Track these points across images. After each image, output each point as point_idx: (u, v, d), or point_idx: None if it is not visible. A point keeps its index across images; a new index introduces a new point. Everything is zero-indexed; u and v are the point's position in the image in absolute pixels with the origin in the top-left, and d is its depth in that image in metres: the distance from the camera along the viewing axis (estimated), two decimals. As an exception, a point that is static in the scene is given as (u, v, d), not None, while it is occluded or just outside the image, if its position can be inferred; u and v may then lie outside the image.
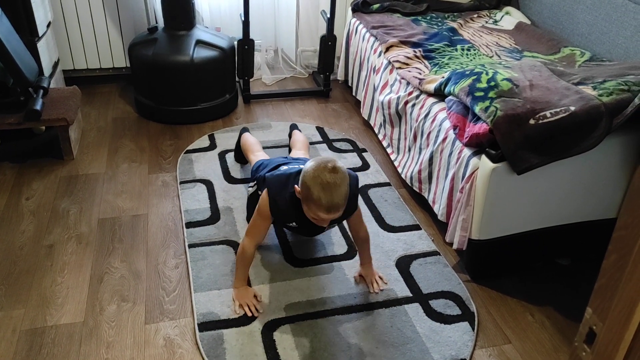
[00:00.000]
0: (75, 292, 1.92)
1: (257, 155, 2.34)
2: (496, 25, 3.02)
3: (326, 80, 3.32)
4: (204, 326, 1.78)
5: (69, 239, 2.16)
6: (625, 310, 0.56)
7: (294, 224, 1.84)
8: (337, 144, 2.83)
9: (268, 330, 1.78)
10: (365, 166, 2.65)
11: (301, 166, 1.77)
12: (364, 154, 2.76)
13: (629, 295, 0.55)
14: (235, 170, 2.58)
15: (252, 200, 2.14)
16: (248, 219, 2.21)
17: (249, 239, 1.84)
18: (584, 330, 0.63)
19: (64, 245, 2.12)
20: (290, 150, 2.64)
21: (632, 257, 0.54)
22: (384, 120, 2.69)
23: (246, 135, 2.56)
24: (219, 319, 1.81)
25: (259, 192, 2.08)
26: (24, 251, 2.09)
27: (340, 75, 3.42)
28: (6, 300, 1.87)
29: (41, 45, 2.77)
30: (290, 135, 2.68)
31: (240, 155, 2.55)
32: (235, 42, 3.10)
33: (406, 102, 2.43)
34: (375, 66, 2.83)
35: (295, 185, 1.68)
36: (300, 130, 2.69)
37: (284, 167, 1.93)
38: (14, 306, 1.85)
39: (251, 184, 2.15)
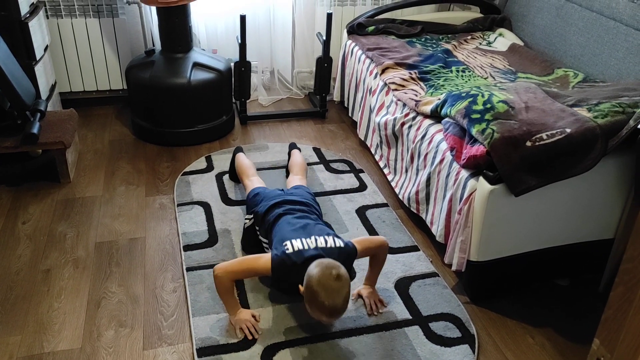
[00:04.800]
0: (72, 317, 1.90)
1: (252, 180, 2.34)
2: (490, 46, 3.06)
3: (322, 101, 3.34)
4: (203, 351, 1.77)
5: (65, 263, 2.14)
6: (633, 342, 0.56)
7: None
8: (334, 165, 2.84)
9: (268, 355, 1.76)
10: (362, 187, 2.66)
11: (304, 242, 1.79)
12: (361, 174, 2.77)
13: (637, 326, 0.55)
14: (233, 192, 2.58)
15: (249, 232, 2.15)
16: (243, 247, 2.20)
17: (230, 274, 1.79)
18: (592, 362, 0.63)
19: (60, 270, 2.11)
20: (287, 173, 2.65)
21: (639, 289, 0.55)
22: (381, 141, 2.70)
23: (240, 156, 2.56)
24: (218, 344, 1.79)
25: (256, 228, 2.09)
26: (20, 276, 2.07)
27: (336, 96, 3.44)
28: (2, 327, 1.85)
29: (38, 69, 2.77)
30: (289, 154, 2.68)
31: (235, 174, 2.56)
32: (232, 64, 3.12)
33: (402, 124, 2.45)
34: (371, 88, 2.85)
35: (300, 285, 1.72)
36: (299, 149, 2.70)
37: (285, 224, 1.92)
38: (11, 332, 1.83)
39: (248, 216, 2.16)
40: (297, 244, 1.79)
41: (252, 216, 2.12)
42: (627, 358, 0.57)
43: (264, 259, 1.79)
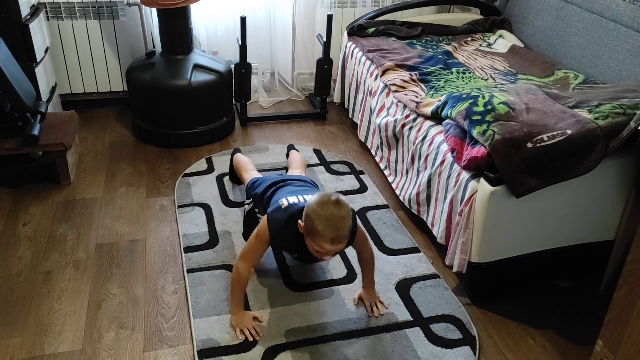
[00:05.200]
0: (73, 319, 1.90)
1: (250, 173, 2.35)
2: (490, 48, 3.07)
3: (323, 102, 3.35)
4: (204, 353, 1.76)
5: (66, 264, 2.14)
6: (637, 343, 0.56)
7: (295, 255, 1.86)
8: (335, 166, 2.84)
9: (268, 357, 1.76)
10: (363, 188, 2.66)
11: (300, 198, 1.78)
12: (361, 176, 2.77)
13: (640, 328, 0.55)
14: (233, 194, 2.58)
15: (249, 217, 2.14)
16: (244, 234, 2.20)
17: (244, 261, 1.83)
18: (595, 363, 0.63)
19: (61, 272, 2.11)
20: (287, 170, 2.65)
21: (643, 291, 0.54)
22: (381, 143, 2.70)
23: (238, 155, 2.57)
24: (218, 346, 1.79)
25: (256, 210, 2.08)
26: (20, 278, 2.07)
27: (336, 97, 3.45)
28: (3, 329, 1.85)
29: (39, 71, 2.78)
30: (287, 156, 2.69)
31: (235, 176, 2.56)
32: (232, 66, 3.12)
33: (403, 125, 2.45)
34: (371, 89, 2.85)
35: (299, 221, 1.70)
36: (297, 150, 2.70)
37: (283, 191, 1.93)
38: (11, 334, 1.83)
39: (247, 201, 2.16)
40: (293, 199, 1.77)
41: (251, 199, 2.11)
42: (631, 359, 0.57)
43: (261, 225, 1.78)
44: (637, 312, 0.54)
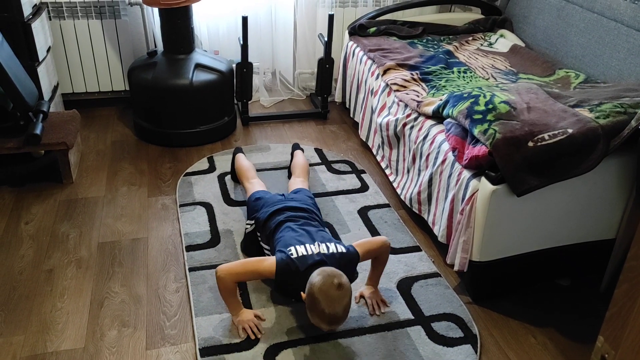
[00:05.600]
0: (75, 317, 1.90)
1: (252, 183, 2.35)
2: (491, 47, 3.07)
3: (324, 102, 3.35)
4: (206, 351, 1.77)
5: (68, 263, 2.15)
6: (638, 339, 0.57)
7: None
8: (336, 166, 2.85)
9: (270, 355, 1.77)
10: (364, 187, 2.67)
11: (308, 248, 1.81)
12: (362, 175, 2.77)
13: (641, 323, 0.56)
14: (234, 193, 2.58)
15: (250, 238, 2.16)
16: (243, 250, 2.21)
17: (233, 276, 1.80)
18: (596, 359, 0.63)
19: (63, 270, 2.11)
20: (289, 174, 2.65)
21: (643, 286, 0.55)
22: (382, 142, 2.71)
23: (240, 157, 2.57)
24: (220, 344, 1.80)
25: (258, 234, 2.10)
26: (23, 276, 2.08)
27: (337, 97, 3.45)
28: (6, 327, 1.86)
29: (41, 70, 2.78)
30: (292, 155, 2.69)
31: (236, 175, 2.57)
32: (234, 65, 3.13)
33: (404, 124, 2.46)
34: (373, 88, 2.86)
35: (302, 292, 1.74)
36: (302, 150, 2.70)
37: (288, 231, 1.94)
38: (14, 332, 1.84)
39: (249, 221, 2.17)
40: (301, 249, 1.81)
41: (253, 222, 2.13)
42: (632, 355, 0.58)
43: (268, 262, 1.80)
44: (638, 308, 0.55)
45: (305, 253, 1.80)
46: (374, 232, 2.35)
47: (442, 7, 3.66)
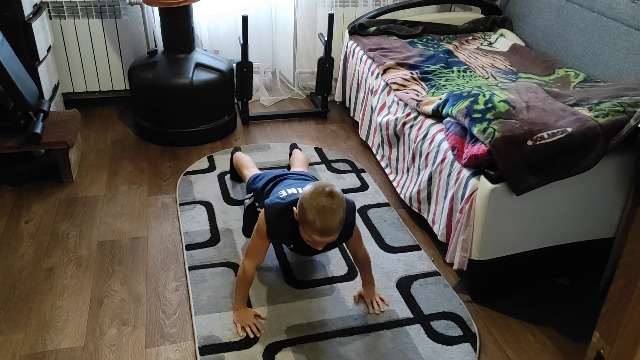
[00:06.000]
0: (75, 315, 1.91)
1: (251, 170, 2.36)
2: (491, 47, 3.07)
3: (324, 101, 3.35)
4: (205, 349, 1.77)
5: (68, 262, 2.15)
6: (632, 334, 0.57)
7: (291, 245, 1.86)
8: (336, 165, 2.85)
9: (270, 354, 1.77)
10: (364, 186, 2.67)
11: (299, 189, 1.79)
12: (362, 174, 2.78)
13: (636, 319, 0.56)
14: (234, 192, 2.59)
15: (249, 212, 2.15)
16: (244, 229, 2.21)
17: (249, 260, 1.84)
18: (592, 354, 0.64)
19: (63, 269, 2.12)
20: (289, 168, 2.66)
21: (639, 282, 0.55)
22: (382, 141, 2.71)
23: (238, 153, 2.58)
24: (220, 342, 1.80)
25: (256, 204, 2.09)
26: (23, 275, 2.08)
27: (337, 96, 3.45)
28: (6, 325, 1.86)
29: (41, 69, 2.79)
30: (290, 154, 2.70)
31: (236, 174, 2.57)
32: (234, 65, 3.13)
33: (404, 124, 2.46)
34: (372, 88, 2.86)
35: (294, 208, 1.71)
36: (300, 149, 2.71)
37: (283, 184, 1.94)
38: (14, 330, 1.84)
39: (248, 195, 2.17)
40: (292, 190, 1.77)
41: (251, 194, 2.12)
42: (627, 350, 0.58)
43: (260, 218, 1.78)
44: (633, 303, 0.55)
45: (295, 192, 1.75)
46: (373, 231, 2.36)
47: (442, 6, 3.66)
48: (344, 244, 1.92)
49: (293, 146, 2.76)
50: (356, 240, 1.88)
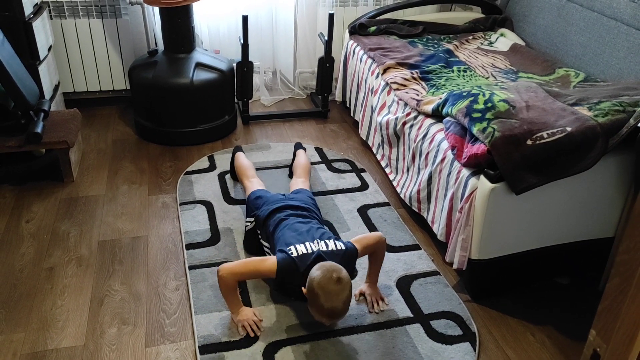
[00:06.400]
0: (75, 315, 1.91)
1: (252, 182, 2.36)
2: (491, 46, 3.07)
3: (324, 101, 3.36)
4: (205, 349, 1.78)
5: (69, 261, 2.16)
6: (628, 332, 0.57)
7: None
8: (336, 164, 2.85)
9: (270, 352, 1.77)
10: (364, 186, 2.67)
11: (309, 246, 1.82)
12: (362, 174, 2.78)
13: (632, 317, 0.56)
14: (235, 191, 2.59)
15: (250, 235, 2.16)
16: (245, 248, 2.21)
17: (235, 275, 1.81)
18: (588, 352, 0.64)
19: (64, 268, 2.12)
20: (290, 173, 2.66)
21: (634, 280, 0.56)
22: (382, 141, 2.71)
23: (239, 156, 2.57)
24: (220, 341, 1.80)
25: (258, 232, 2.10)
26: (24, 274, 2.09)
27: (338, 96, 3.46)
28: (6, 324, 1.87)
29: (42, 69, 2.79)
30: (294, 154, 2.68)
31: (236, 174, 2.57)
32: (234, 64, 3.14)
33: (404, 123, 2.46)
34: (373, 87, 2.86)
35: (303, 287, 1.75)
36: (305, 149, 2.70)
37: (287, 228, 1.95)
38: (14, 330, 1.84)
39: (249, 219, 2.17)
40: (301, 248, 1.82)
41: (253, 219, 2.13)
42: (622, 347, 0.58)
43: (269, 262, 1.81)
44: (629, 301, 0.55)
45: (305, 251, 1.81)
46: (373, 230, 2.36)
47: (443, 6, 3.66)
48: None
49: (298, 146, 2.75)
50: (367, 247, 1.91)
